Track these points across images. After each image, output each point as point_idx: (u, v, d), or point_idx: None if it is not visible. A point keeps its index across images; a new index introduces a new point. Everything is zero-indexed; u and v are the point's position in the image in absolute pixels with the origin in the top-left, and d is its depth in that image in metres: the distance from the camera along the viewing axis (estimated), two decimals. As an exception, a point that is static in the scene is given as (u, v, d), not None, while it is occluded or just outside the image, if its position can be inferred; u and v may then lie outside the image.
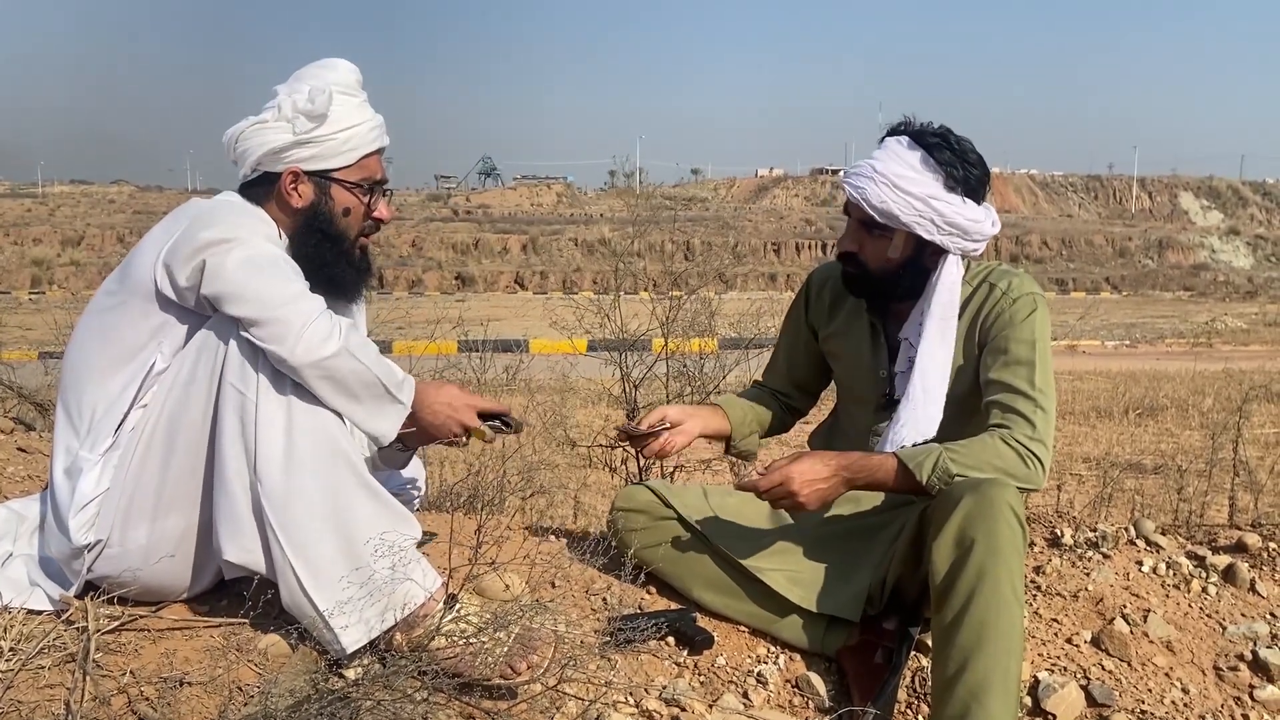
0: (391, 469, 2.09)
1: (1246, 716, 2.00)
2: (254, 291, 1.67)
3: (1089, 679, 2.02)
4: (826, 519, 2.14)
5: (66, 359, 1.84)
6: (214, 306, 1.72)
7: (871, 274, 2.08)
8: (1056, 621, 2.19)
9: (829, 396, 2.41)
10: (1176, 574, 2.36)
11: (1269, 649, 2.11)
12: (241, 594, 1.70)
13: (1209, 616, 2.24)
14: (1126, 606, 2.22)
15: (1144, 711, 1.97)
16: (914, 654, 2.02)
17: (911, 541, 1.93)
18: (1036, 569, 2.36)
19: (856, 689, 1.92)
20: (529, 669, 1.69)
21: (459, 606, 1.74)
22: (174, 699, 1.59)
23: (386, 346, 10.19)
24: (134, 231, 42.81)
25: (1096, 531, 2.50)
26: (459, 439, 1.86)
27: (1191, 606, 2.26)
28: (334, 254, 1.90)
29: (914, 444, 1.94)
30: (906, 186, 1.98)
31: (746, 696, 1.91)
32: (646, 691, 1.84)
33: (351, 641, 1.66)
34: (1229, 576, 2.37)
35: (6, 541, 1.89)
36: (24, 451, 3.09)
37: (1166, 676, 2.06)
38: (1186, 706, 1.99)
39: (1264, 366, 14.13)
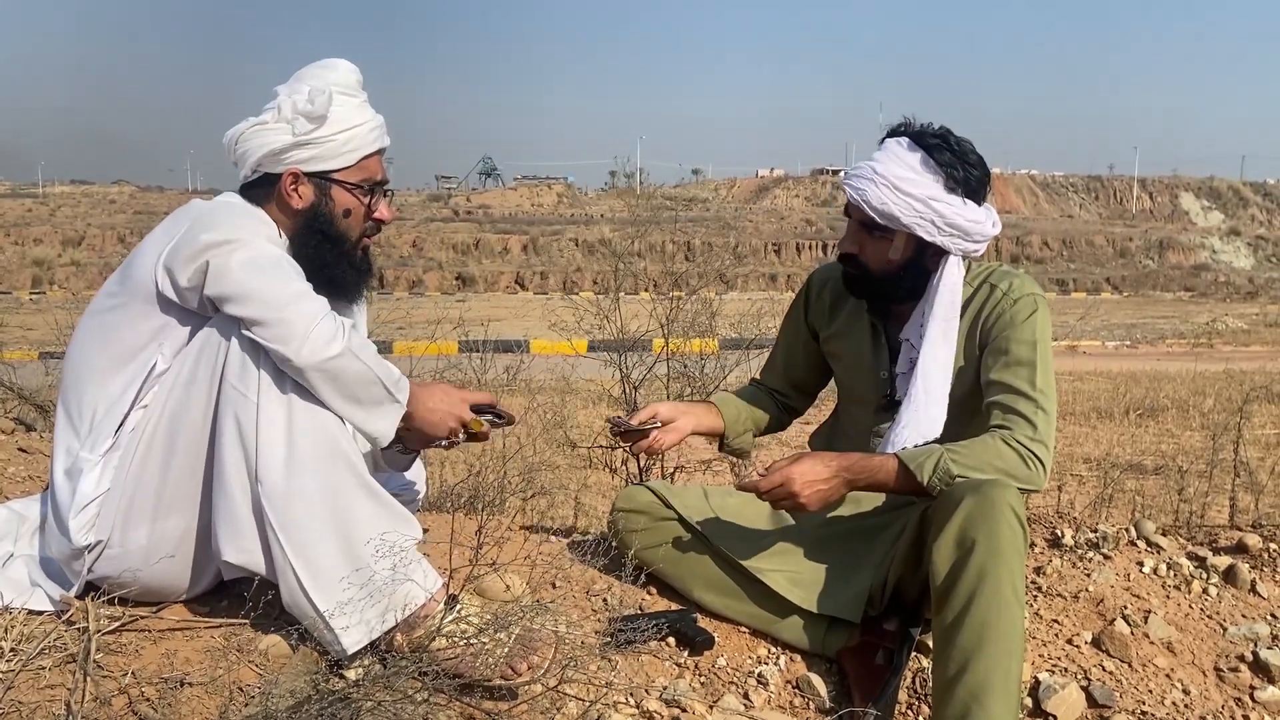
0: (394, 471, 2.09)
1: (1247, 717, 2.00)
2: (258, 292, 1.67)
3: (1090, 680, 2.02)
4: (827, 520, 2.14)
5: (67, 360, 1.84)
6: (216, 307, 1.72)
7: (872, 275, 2.08)
8: (1057, 622, 2.19)
9: (828, 396, 2.41)
10: (1177, 575, 2.36)
11: (1270, 650, 2.11)
12: (242, 595, 1.70)
13: (1210, 617, 2.24)
14: (1127, 607, 2.21)
15: (1144, 712, 1.97)
16: (915, 655, 2.02)
17: (912, 542, 1.93)
18: (1037, 570, 2.36)
19: (857, 690, 1.92)
20: (530, 670, 1.68)
21: (460, 607, 1.74)
22: (175, 699, 1.59)
23: (387, 347, 10.19)
24: (135, 232, 42.82)
25: (1097, 532, 2.50)
26: (455, 438, 1.86)
27: (1192, 607, 2.26)
28: (334, 255, 1.89)
29: (916, 445, 1.94)
30: (907, 188, 1.98)
31: (747, 697, 1.91)
32: (647, 692, 1.84)
33: (352, 642, 1.66)
34: (1230, 577, 2.37)
35: (7, 542, 1.89)
36: (24, 452, 3.09)
37: (1167, 677, 2.06)
38: (1187, 708, 1.99)
39: (1265, 367, 14.14)
